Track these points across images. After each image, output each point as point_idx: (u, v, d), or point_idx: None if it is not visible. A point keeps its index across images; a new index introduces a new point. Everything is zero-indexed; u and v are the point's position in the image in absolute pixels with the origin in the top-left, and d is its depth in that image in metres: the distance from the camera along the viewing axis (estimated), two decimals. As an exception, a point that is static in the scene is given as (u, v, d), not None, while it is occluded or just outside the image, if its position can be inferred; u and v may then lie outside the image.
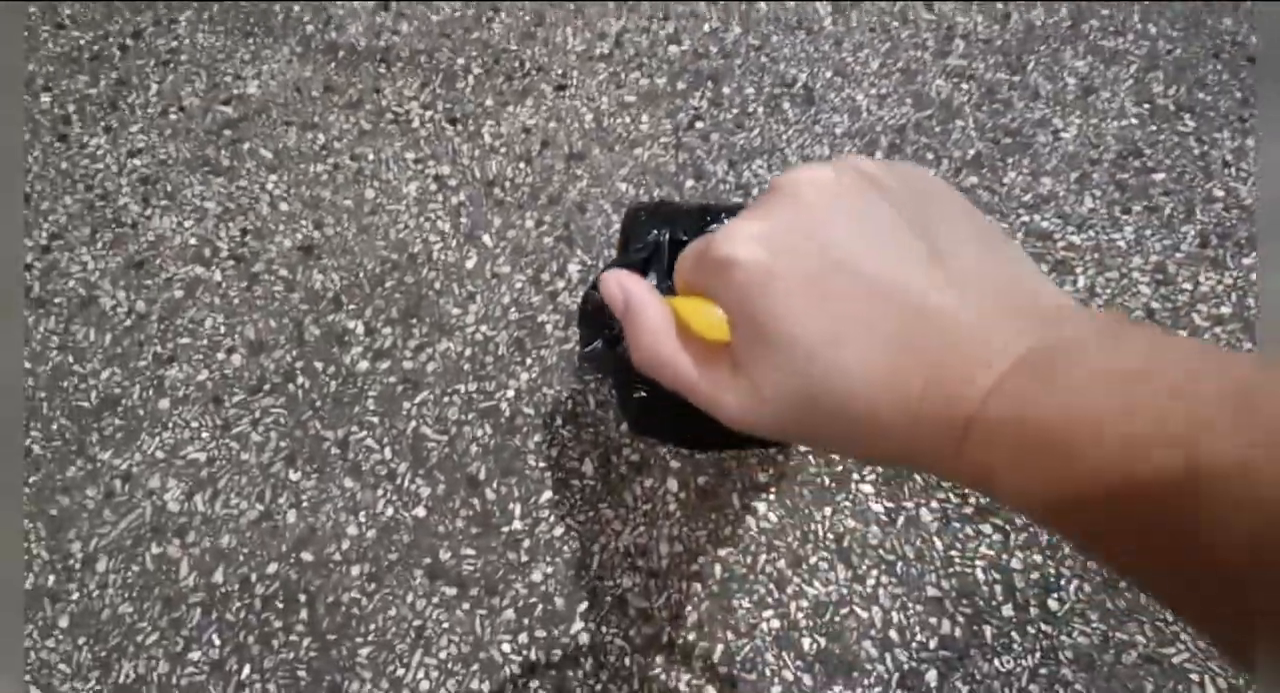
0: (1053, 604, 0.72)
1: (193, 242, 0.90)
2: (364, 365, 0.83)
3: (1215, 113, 0.92)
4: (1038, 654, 0.70)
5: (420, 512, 0.77)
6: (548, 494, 0.77)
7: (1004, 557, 0.74)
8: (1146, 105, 0.93)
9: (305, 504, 0.78)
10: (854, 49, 0.98)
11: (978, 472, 0.30)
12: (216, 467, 0.79)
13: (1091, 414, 0.25)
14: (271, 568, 0.75)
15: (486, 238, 0.89)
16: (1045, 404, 0.27)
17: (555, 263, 0.87)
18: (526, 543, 0.76)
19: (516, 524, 0.76)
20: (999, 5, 1.00)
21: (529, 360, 0.83)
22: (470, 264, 0.88)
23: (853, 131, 0.93)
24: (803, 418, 0.33)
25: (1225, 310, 0.82)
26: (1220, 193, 0.88)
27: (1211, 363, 0.25)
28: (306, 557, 0.76)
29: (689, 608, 0.73)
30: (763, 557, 0.75)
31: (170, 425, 0.81)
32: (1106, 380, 0.26)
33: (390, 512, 0.77)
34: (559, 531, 0.76)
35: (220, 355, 0.84)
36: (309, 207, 0.91)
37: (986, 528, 0.75)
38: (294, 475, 0.79)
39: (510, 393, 0.82)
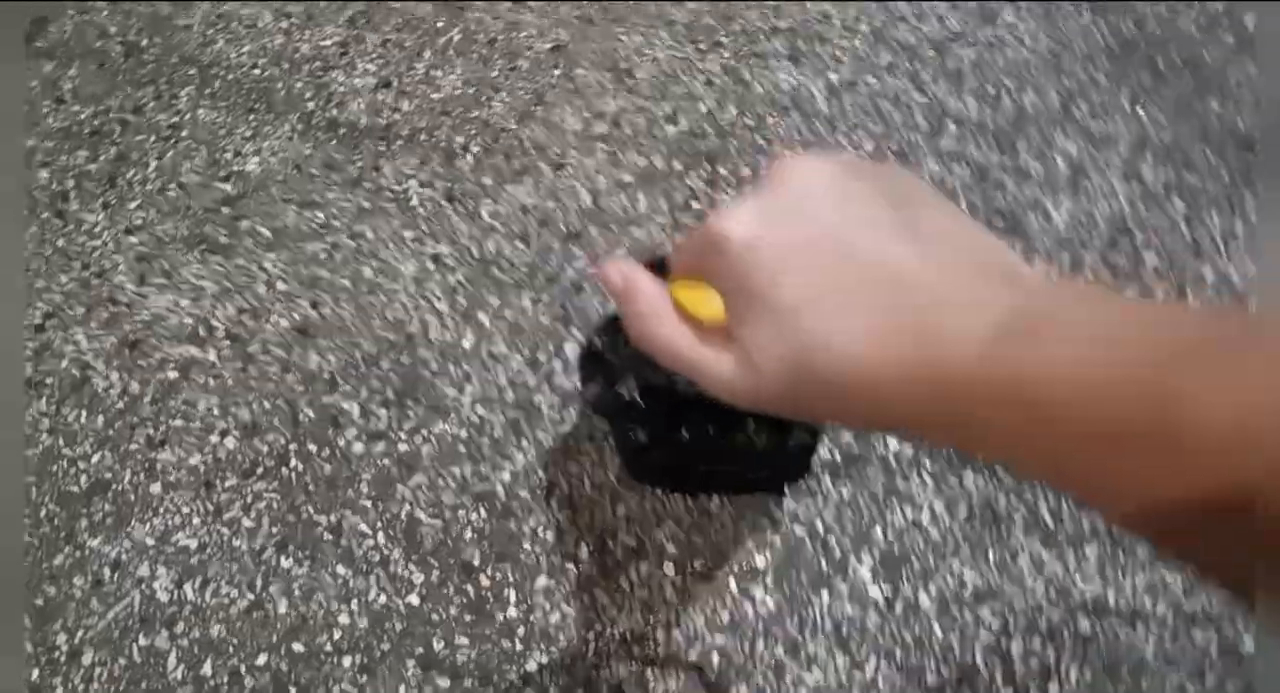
0: (1053, 689, 0.71)
1: (188, 321, 0.89)
2: (359, 448, 0.83)
3: (1204, 195, 0.94)
4: (1042, 751, 0.69)
5: (413, 599, 0.76)
6: (543, 580, 0.76)
7: (1003, 641, 0.73)
8: (1137, 187, 0.94)
9: (297, 592, 0.76)
10: (849, 130, 1.00)
11: (969, 432, 0.31)
12: (207, 553, 0.78)
13: (1085, 383, 0.27)
14: (261, 659, 0.74)
15: (483, 317, 0.89)
16: (1038, 366, 0.28)
17: (552, 343, 0.87)
18: (521, 631, 0.75)
19: (512, 611, 0.75)
20: (990, 89, 1.02)
21: (525, 442, 0.82)
22: (467, 344, 0.88)
23: (848, 213, 0.94)
24: (798, 385, 0.35)
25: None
26: (1211, 275, 0.89)
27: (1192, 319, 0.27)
28: (297, 647, 0.74)
29: (688, 701, 0.72)
30: (760, 644, 0.74)
31: (161, 511, 0.80)
32: (1095, 344, 0.28)
33: (383, 599, 0.76)
34: (555, 617, 0.75)
35: (214, 438, 0.83)
36: (306, 286, 0.91)
37: (985, 612, 0.74)
38: (286, 562, 0.78)
39: (506, 476, 0.81)
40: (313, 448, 0.83)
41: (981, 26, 1.07)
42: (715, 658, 0.73)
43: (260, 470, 0.82)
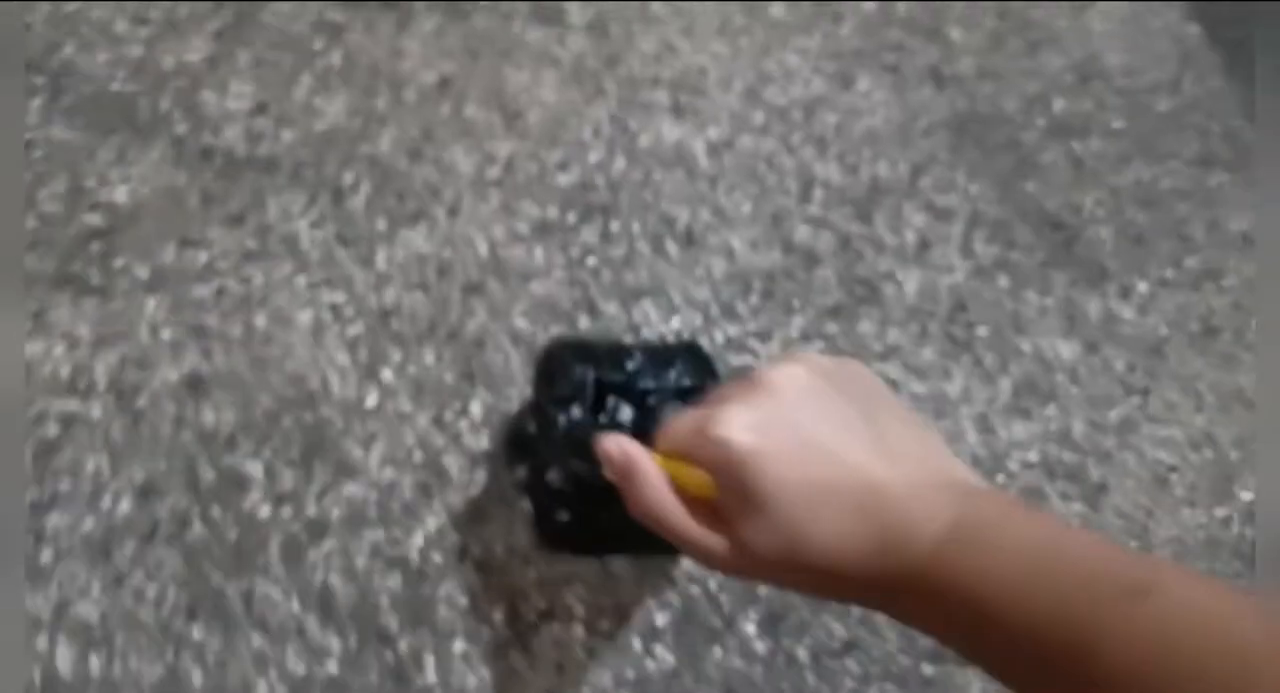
0: (907, 729, 0.84)
1: (65, 373, 0.85)
2: (265, 511, 0.83)
3: (1021, 272, 1.08)
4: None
5: (332, 667, 0.78)
6: (460, 644, 0.81)
7: (863, 688, 0.85)
8: (970, 262, 1.08)
9: (211, 663, 0.77)
10: (728, 191, 1.06)
11: (913, 616, 0.42)
12: (111, 625, 0.77)
13: (1008, 589, 0.37)
14: (180, 737, 0.74)
15: (387, 374, 0.90)
16: (972, 572, 0.38)
17: (458, 402, 0.90)
18: (443, 696, 0.79)
19: (430, 676, 0.79)
20: (850, 159, 1.12)
21: (435, 505, 0.85)
22: (370, 402, 0.89)
23: (731, 275, 1.01)
24: (781, 570, 0.44)
25: (1033, 457, 0.98)
26: (1028, 348, 1.04)
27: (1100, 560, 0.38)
28: (217, 726, 0.75)
29: (601, 754, 0.79)
30: (664, 699, 0.82)
31: (55, 580, 0.77)
32: (1019, 556, 0.37)
33: (302, 669, 0.78)
34: (472, 682, 0.80)
35: (106, 502, 0.81)
36: (194, 335, 0.88)
37: (851, 663, 0.85)
38: (197, 633, 0.78)
39: (419, 539, 0.84)
40: (216, 512, 0.82)
41: (841, 92, 1.17)
42: (624, 713, 0.81)
43: (161, 535, 0.80)
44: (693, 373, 0.78)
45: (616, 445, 0.52)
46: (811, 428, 0.44)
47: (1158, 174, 1.17)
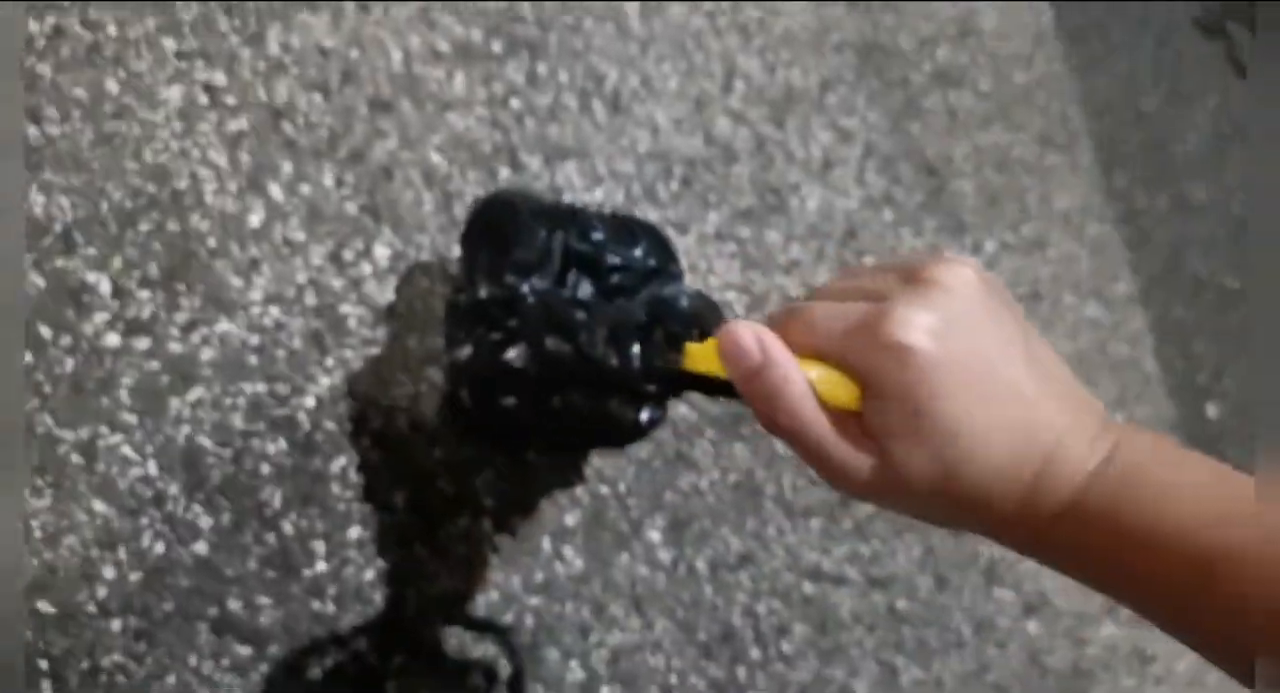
0: (785, 644, 0.84)
1: None
2: (113, 340, 0.63)
3: (903, 210, 1.10)
4: (775, 694, 0.82)
5: (201, 548, 0.62)
6: (356, 530, 0.68)
7: (755, 603, 0.84)
8: (862, 191, 1.07)
9: (39, 533, 0.58)
10: (656, 61, 0.96)
11: (1057, 549, 0.39)
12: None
13: (1168, 521, 0.35)
14: (-14, 623, 0.55)
15: (275, 188, 0.72)
16: (1129, 503, 0.36)
17: (360, 240, 0.74)
18: (333, 589, 0.66)
19: (320, 566, 0.66)
20: (769, 56, 1.06)
21: (330, 362, 0.70)
22: (254, 220, 0.70)
23: (654, 153, 0.92)
24: (928, 496, 0.39)
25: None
26: (903, 285, 1.06)
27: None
28: (46, 607, 0.57)
29: (504, 662, 0.71)
30: (569, 605, 0.75)
31: None
32: (1179, 490, 0.36)
33: (161, 548, 0.61)
34: (369, 575, 0.67)
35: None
36: (25, 86, 0.64)
37: (744, 577, 0.84)
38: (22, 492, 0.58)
39: (310, 401, 0.69)
40: (47, 333, 0.61)
41: (764, -18, 1.10)
42: (529, 619, 0.73)
43: (-41, 354, 0.58)
44: (658, 255, 0.70)
45: (753, 336, 0.41)
46: (987, 342, 0.39)
47: (1011, 142, 1.24)
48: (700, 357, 0.48)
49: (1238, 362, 1.34)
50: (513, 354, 0.64)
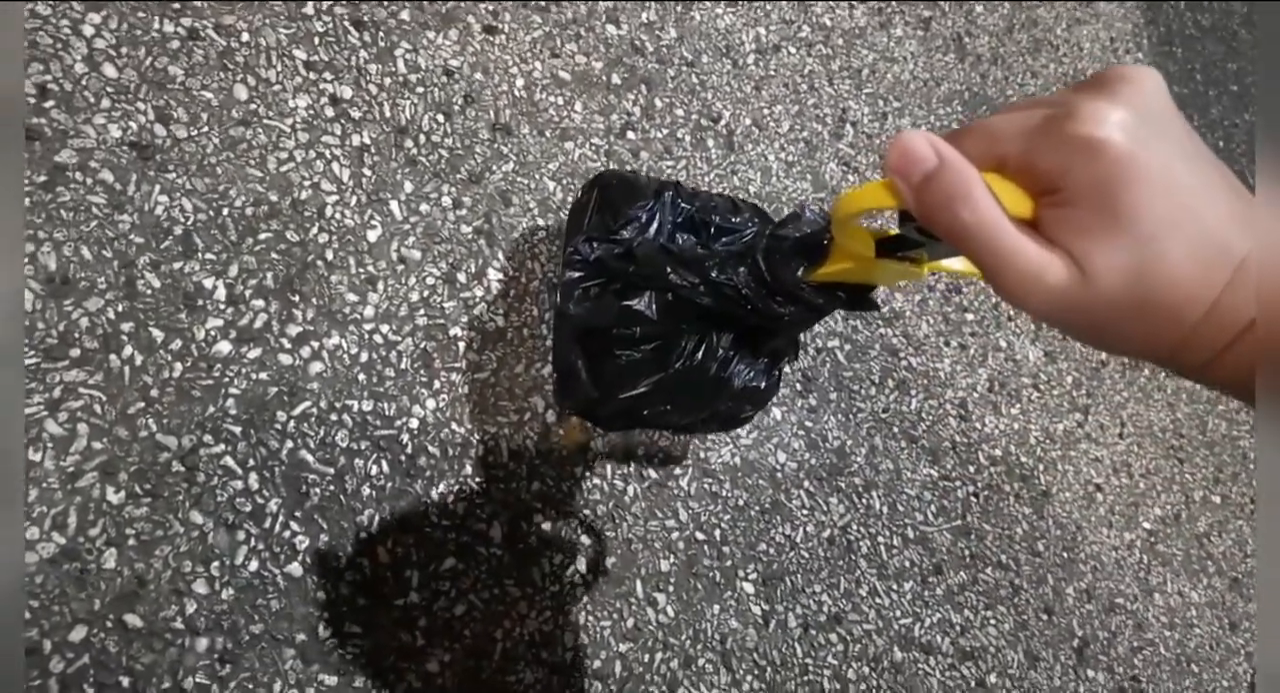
0: (868, 715, 0.80)
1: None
2: (224, 347, 0.61)
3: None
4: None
5: (295, 569, 0.60)
6: (450, 562, 0.65)
7: (844, 667, 0.80)
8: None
9: (132, 542, 0.56)
10: (770, 102, 0.95)
11: (1238, 371, 0.37)
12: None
13: None
14: (78, 634, 0.53)
15: (395, 205, 0.70)
16: None
17: (474, 263, 0.72)
18: (423, 622, 0.63)
19: (413, 597, 0.63)
20: (880, 104, 1.04)
21: (437, 384, 0.68)
22: (372, 236, 0.69)
23: (763, 194, 0.90)
24: (1121, 304, 0.37)
25: (997, 452, 0.97)
26: (1004, 344, 1.03)
27: None
28: (132, 620, 0.55)
29: (591, 712, 0.68)
30: (659, 655, 0.71)
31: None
32: None
33: (254, 565, 0.59)
34: (460, 609, 0.65)
35: (-1, 285, 0.55)
36: (150, 84, 0.63)
37: (834, 638, 0.80)
38: (114, 496, 0.56)
39: (414, 423, 0.66)
40: (157, 334, 0.59)
41: (878, 32, 1.08)
42: (618, 667, 0.69)
43: (75, 352, 0.57)
44: (761, 223, 0.67)
45: (926, 140, 0.38)
46: (1180, 144, 0.37)
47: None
48: (855, 199, 0.42)
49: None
50: (634, 300, 0.63)
